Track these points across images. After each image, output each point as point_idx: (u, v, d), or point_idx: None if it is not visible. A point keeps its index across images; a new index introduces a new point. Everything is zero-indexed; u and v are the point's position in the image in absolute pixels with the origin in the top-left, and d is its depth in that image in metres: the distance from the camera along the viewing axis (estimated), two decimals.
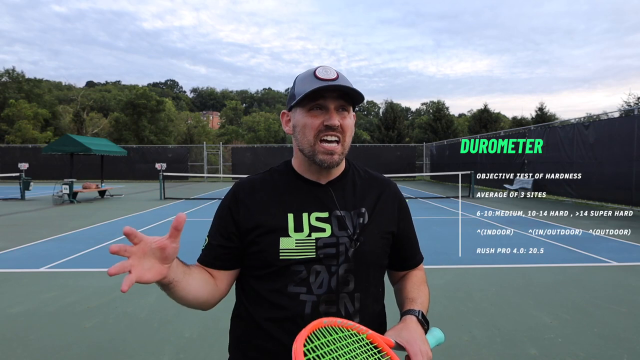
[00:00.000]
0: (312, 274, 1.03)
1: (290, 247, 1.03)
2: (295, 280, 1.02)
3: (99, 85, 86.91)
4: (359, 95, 1.05)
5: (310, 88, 1.01)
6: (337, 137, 1.05)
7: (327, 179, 1.12)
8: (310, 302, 1.01)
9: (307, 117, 1.05)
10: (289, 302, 1.02)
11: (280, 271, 1.03)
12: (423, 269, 1.27)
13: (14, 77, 43.80)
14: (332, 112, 1.03)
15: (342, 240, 1.05)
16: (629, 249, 6.70)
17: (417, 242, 1.26)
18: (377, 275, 1.13)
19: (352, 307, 1.04)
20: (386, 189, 1.19)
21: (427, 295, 1.16)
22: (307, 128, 1.05)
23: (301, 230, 1.05)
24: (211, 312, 4.09)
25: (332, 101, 1.03)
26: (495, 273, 5.39)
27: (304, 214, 1.07)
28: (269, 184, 1.13)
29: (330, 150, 1.04)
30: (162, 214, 11.36)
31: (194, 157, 30.93)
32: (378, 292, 1.13)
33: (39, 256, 6.35)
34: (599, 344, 3.28)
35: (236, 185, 1.15)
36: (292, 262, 1.03)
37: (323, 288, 1.02)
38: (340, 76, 1.05)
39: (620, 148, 11.57)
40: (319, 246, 1.04)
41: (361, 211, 1.10)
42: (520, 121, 35.05)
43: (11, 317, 3.93)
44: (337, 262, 1.04)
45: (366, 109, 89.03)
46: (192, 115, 64.54)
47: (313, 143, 1.05)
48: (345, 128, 1.05)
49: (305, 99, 1.03)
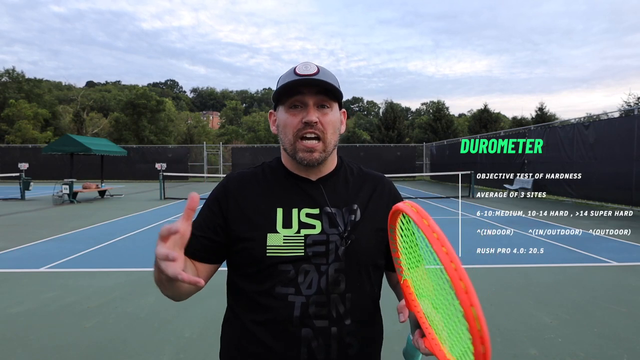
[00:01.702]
0: (301, 274, 0.99)
1: (278, 244, 1.00)
2: (283, 280, 0.99)
3: (99, 85, 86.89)
4: (336, 90, 1.02)
5: (288, 85, 1.00)
6: (317, 134, 1.02)
7: (318, 176, 1.09)
8: (299, 303, 0.97)
9: (287, 115, 1.03)
10: (277, 303, 0.98)
11: (267, 271, 1.00)
12: None
13: (14, 77, 43.79)
14: (310, 108, 1.01)
15: (332, 238, 1.01)
16: (629, 249, 6.70)
17: None
18: (371, 274, 1.07)
19: (344, 307, 1.00)
20: (379, 185, 1.15)
21: None
22: (287, 127, 1.03)
23: (290, 227, 1.01)
24: (211, 312, 4.07)
25: (311, 97, 1.01)
26: (495, 273, 5.39)
27: (294, 210, 1.04)
28: (259, 178, 1.10)
29: (309, 147, 1.01)
30: (162, 214, 11.36)
31: (194, 157, 30.92)
32: (373, 292, 1.08)
33: (39, 256, 6.35)
34: (599, 344, 3.28)
35: (226, 179, 1.12)
36: (280, 260, 0.99)
37: (312, 288, 0.98)
38: (322, 71, 1.03)
39: (620, 148, 11.57)
40: (308, 244, 1.00)
41: (353, 208, 1.07)
42: (520, 121, 35.03)
43: (11, 317, 3.93)
44: (327, 261, 1.00)
45: (366, 109, 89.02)
46: (192, 115, 64.52)
47: (293, 141, 1.03)
48: (326, 124, 1.02)
49: (283, 95, 1.02)
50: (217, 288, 1.23)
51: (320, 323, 0.98)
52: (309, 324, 0.97)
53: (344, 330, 0.99)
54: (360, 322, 1.03)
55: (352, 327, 1.01)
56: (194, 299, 1.10)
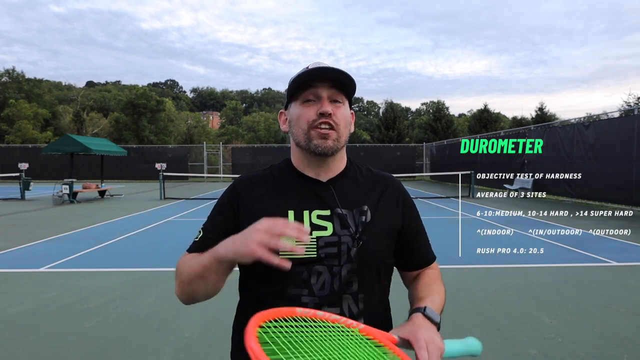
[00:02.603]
0: (314, 275, 1.00)
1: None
2: (295, 282, 1.00)
3: (99, 85, 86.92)
4: (351, 82, 1.04)
5: (302, 78, 1.03)
6: (331, 124, 1.04)
7: (328, 176, 1.10)
8: (312, 304, 0.99)
9: (301, 109, 1.05)
10: (290, 304, 0.98)
11: (280, 272, 0.98)
12: (437, 268, 1.21)
13: (14, 77, 43.80)
14: (324, 100, 1.03)
15: (344, 240, 1.03)
16: (629, 249, 6.70)
17: (427, 240, 1.21)
18: (382, 274, 1.09)
19: (357, 307, 1.02)
20: (390, 186, 1.17)
21: (441, 292, 1.10)
22: (301, 119, 1.05)
23: None
24: (211, 312, 4.06)
25: (324, 90, 1.03)
26: (495, 273, 5.39)
27: (305, 212, 1.05)
28: (269, 180, 1.11)
29: (323, 134, 1.03)
30: (162, 214, 11.35)
31: (194, 157, 30.93)
32: (383, 292, 1.11)
33: (39, 256, 6.35)
34: (599, 344, 3.28)
35: (236, 182, 1.13)
36: (293, 262, 0.99)
37: (325, 290, 1.00)
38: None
39: (620, 148, 11.57)
40: (320, 245, 1.01)
41: (363, 209, 1.08)
42: (520, 121, 35.04)
43: (11, 317, 3.93)
44: (339, 263, 1.02)
45: (366, 109, 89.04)
46: (192, 115, 64.55)
47: (307, 130, 1.04)
48: (339, 117, 1.05)
49: (297, 88, 1.04)
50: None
51: None
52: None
53: None
54: (372, 322, 1.02)
55: (365, 325, 1.01)
56: None
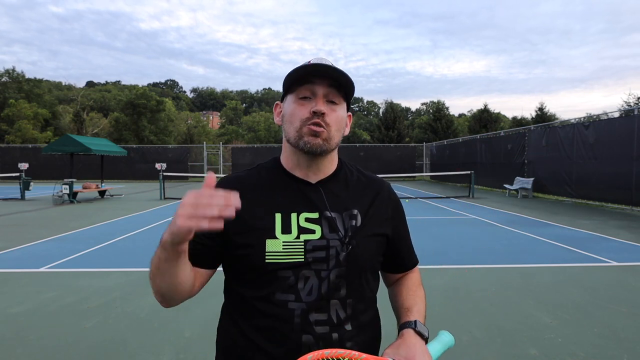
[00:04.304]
0: (301, 280, 0.97)
1: (277, 250, 0.97)
2: (282, 286, 0.97)
3: (98, 85, 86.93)
4: (350, 84, 1.01)
5: (301, 71, 1.00)
6: (322, 125, 1.00)
7: (317, 178, 1.07)
8: (299, 309, 0.96)
9: (296, 105, 1.02)
10: (277, 310, 0.96)
11: (266, 277, 0.98)
12: (418, 271, 1.23)
13: (14, 77, 43.80)
14: (319, 98, 1.00)
15: (332, 244, 0.99)
16: (629, 249, 6.70)
17: (411, 244, 1.21)
18: (370, 279, 1.07)
19: (344, 313, 0.99)
20: (381, 190, 1.14)
21: (423, 298, 1.13)
22: (294, 116, 1.01)
23: (289, 232, 0.99)
24: (211, 312, 4.07)
25: (322, 87, 1.00)
26: (495, 273, 5.39)
27: (293, 214, 1.01)
28: (255, 181, 1.08)
29: (314, 131, 0.99)
30: (162, 214, 11.35)
31: (194, 157, 30.92)
32: (372, 297, 1.09)
33: (39, 256, 6.35)
34: (599, 344, 3.28)
35: (221, 182, 1.06)
36: (279, 266, 0.97)
37: (312, 295, 0.97)
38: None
39: (620, 148, 11.57)
40: (308, 249, 0.98)
41: (353, 213, 1.05)
42: (520, 121, 35.05)
43: (11, 317, 3.93)
44: (327, 267, 0.98)
45: (366, 109, 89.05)
46: (192, 115, 64.58)
47: (299, 127, 1.00)
48: (331, 120, 1.01)
49: (294, 83, 1.01)
50: (218, 288, 1.23)
51: (321, 329, 0.97)
52: (309, 330, 0.96)
53: (345, 336, 0.99)
54: (360, 327, 1.02)
55: (353, 332, 1.00)
56: (194, 298, 1.09)
